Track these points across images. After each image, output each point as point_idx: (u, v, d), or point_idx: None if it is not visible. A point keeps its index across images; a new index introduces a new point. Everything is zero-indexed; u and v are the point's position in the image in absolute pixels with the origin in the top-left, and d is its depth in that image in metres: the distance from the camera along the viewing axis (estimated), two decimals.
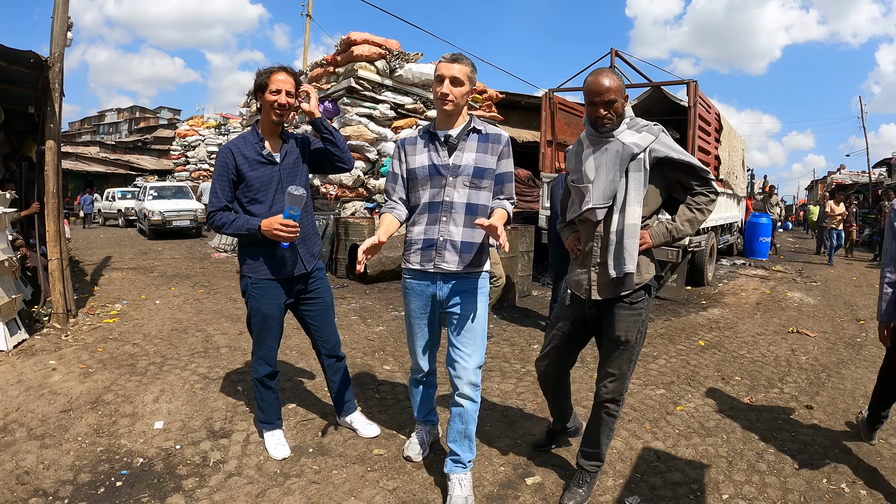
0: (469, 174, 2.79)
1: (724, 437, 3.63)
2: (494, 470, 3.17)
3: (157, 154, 40.86)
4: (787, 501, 2.92)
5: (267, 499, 2.84)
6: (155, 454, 3.28)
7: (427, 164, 2.83)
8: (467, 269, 2.82)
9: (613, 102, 2.56)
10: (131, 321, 6.35)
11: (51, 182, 6.24)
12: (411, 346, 3.07)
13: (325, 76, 11.50)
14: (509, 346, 5.67)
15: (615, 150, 2.59)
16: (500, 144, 2.85)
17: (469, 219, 2.80)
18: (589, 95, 2.63)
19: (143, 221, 18.27)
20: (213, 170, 3.15)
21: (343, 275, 9.51)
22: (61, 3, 6.30)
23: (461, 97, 2.77)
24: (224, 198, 3.05)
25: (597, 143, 2.67)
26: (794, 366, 5.21)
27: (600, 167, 2.63)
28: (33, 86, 7.05)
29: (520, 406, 4.09)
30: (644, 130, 2.61)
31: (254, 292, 3.14)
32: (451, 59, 2.75)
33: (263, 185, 3.08)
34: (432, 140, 2.86)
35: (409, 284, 2.94)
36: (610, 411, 2.81)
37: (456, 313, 2.84)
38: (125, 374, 4.55)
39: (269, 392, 3.30)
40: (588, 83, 2.60)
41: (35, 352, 5.13)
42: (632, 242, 2.55)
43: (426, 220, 2.85)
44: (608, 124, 2.61)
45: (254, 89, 3.15)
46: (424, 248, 2.84)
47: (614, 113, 2.59)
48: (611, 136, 2.61)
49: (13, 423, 3.64)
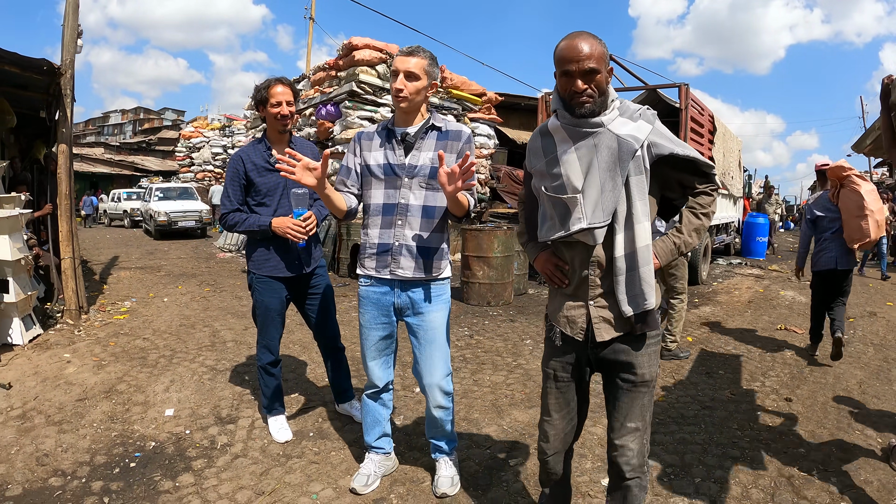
0: (426, 175, 2.65)
1: (701, 426, 3.82)
2: (481, 453, 3.39)
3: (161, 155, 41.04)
4: (756, 486, 3.09)
5: (270, 476, 3.07)
6: (166, 438, 3.51)
7: (382, 163, 2.69)
8: (425, 275, 2.72)
9: (595, 73, 1.90)
10: (141, 317, 6.59)
11: (63, 184, 6.49)
12: (364, 359, 2.91)
13: (328, 80, 11.72)
14: (502, 341, 5.88)
15: (608, 146, 1.94)
16: (459, 142, 2.68)
17: (426, 222, 2.68)
18: (561, 63, 1.93)
19: (148, 222, 18.52)
20: (226, 173, 3.39)
21: (345, 273, 9.75)
22: (71, 11, 6.54)
23: (416, 93, 2.60)
24: (235, 200, 3.29)
25: (578, 136, 1.99)
26: (778, 361, 5.40)
27: (591, 171, 1.97)
28: (44, 91, 7.31)
29: (509, 396, 4.31)
30: (640, 118, 1.99)
31: (258, 286, 3.37)
32: (408, 52, 2.61)
33: (270, 191, 3.29)
34: (389, 138, 2.71)
35: (366, 293, 2.81)
36: (640, 482, 2.14)
37: (416, 323, 2.77)
38: (136, 366, 4.79)
39: (271, 379, 3.52)
40: (560, 48, 1.93)
41: (49, 346, 5.37)
42: (647, 270, 1.97)
43: (380, 222, 2.71)
44: (588, 103, 1.92)
45: (255, 103, 3.36)
46: (380, 252, 2.72)
47: (596, 88, 1.92)
48: (597, 125, 1.96)
49: (32, 410, 3.88)
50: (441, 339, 2.79)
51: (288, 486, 2.99)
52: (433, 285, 2.77)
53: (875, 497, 3.00)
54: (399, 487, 2.98)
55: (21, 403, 3.99)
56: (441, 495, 2.87)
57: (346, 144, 10.47)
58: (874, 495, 3.02)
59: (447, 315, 2.84)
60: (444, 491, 2.88)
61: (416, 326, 2.79)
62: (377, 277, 2.75)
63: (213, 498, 2.87)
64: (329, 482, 3.03)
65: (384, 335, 2.85)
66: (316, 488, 2.97)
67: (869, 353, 5.73)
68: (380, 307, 2.79)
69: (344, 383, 3.81)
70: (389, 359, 2.94)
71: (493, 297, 7.71)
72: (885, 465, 3.35)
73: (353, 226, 9.64)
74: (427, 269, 2.72)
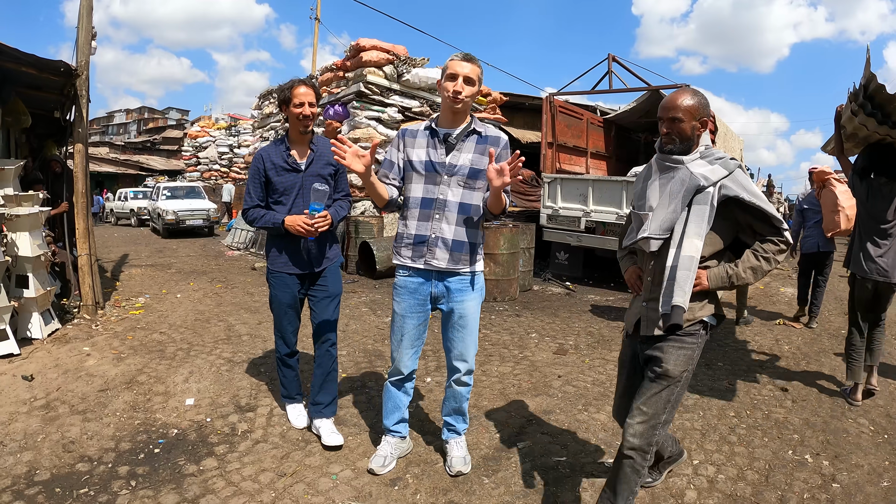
0: (464, 174, 2.84)
1: (700, 414, 3.99)
2: (490, 436, 3.58)
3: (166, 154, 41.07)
4: (752, 468, 3.26)
5: (291, 459, 3.25)
6: (188, 426, 3.68)
7: (424, 160, 2.88)
8: (458, 266, 2.90)
9: (679, 122, 2.37)
10: (156, 313, 6.77)
11: (80, 182, 6.65)
12: (396, 346, 3.06)
13: (336, 80, 11.90)
14: (508, 334, 6.06)
15: (681, 178, 2.38)
16: (497, 147, 2.85)
17: (461, 218, 2.87)
18: (658, 111, 2.47)
19: (156, 221, 18.58)
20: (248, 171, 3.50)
21: (353, 270, 9.93)
22: (85, 14, 6.68)
23: (471, 96, 2.80)
24: (256, 197, 3.40)
25: (665, 169, 2.46)
26: (775, 353, 5.57)
27: (664, 196, 2.43)
28: (58, 91, 7.47)
29: (516, 385, 4.49)
30: (717, 163, 2.37)
31: (272, 281, 3.50)
32: (464, 57, 2.78)
33: (287, 190, 3.38)
34: (433, 137, 2.90)
35: (403, 282, 2.99)
36: (634, 463, 2.41)
37: (451, 311, 2.97)
38: (155, 359, 4.97)
39: (288, 370, 3.68)
40: (664, 99, 2.48)
41: (68, 340, 5.54)
42: (684, 275, 2.30)
43: (419, 215, 2.90)
44: (668, 144, 2.42)
45: (278, 103, 3.45)
46: (416, 243, 2.91)
47: (679, 134, 2.39)
48: (680, 162, 2.40)
49: (55, 400, 4.04)
50: (473, 325, 3.01)
51: (308, 468, 3.16)
52: (467, 276, 2.96)
53: (865, 480, 3.16)
54: (414, 468, 3.17)
55: (44, 394, 4.15)
56: (456, 473, 3.07)
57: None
58: (864, 478, 3.17)
59: (479, 304, 3.04)
60: (459, 469, 3.08)
61: (451, 314, 2.99)
62: (414, 268, 2.94)
63: (237, 480, 3.04)
64: (347, 464, 3.21)
65: (418, 323, 3.02)
66: (335, 469, 3.15)
67: None
68: (416, 296, 2.97)
69: (326, 396, 3.55)
70: (418, 350, 3.11)
71: (500, 293, 7.88)
72: (876, 451, 3.51)
73: (362, 224, 9.84)
74: (460, 262, 2.91)
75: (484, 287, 3.10)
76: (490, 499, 2.90)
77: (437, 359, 5.05)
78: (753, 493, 3.00)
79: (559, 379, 4.66)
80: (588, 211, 8.99)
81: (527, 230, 8.70)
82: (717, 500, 2.93)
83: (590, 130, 11.23)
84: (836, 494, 3.02)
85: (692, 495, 2.96)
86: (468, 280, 2.96)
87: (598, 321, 6.81)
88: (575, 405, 4.11)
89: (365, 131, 10.73)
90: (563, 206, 9.36)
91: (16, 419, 3.72)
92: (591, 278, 9.78)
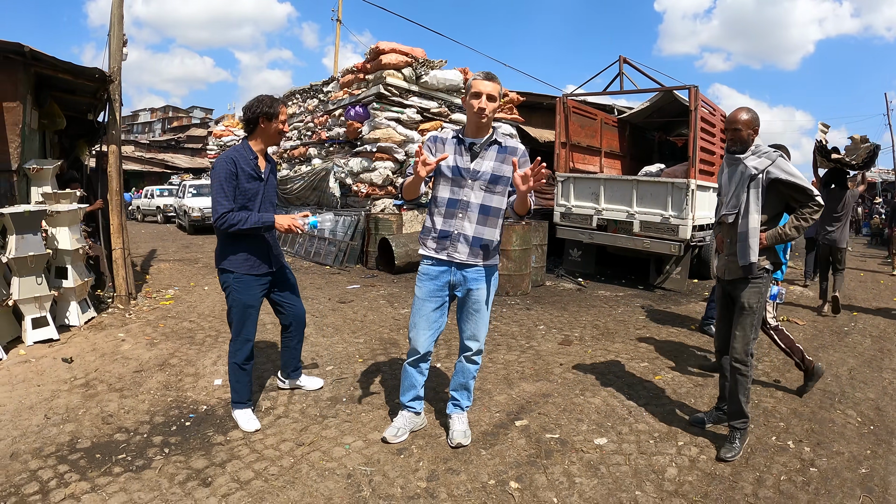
0: (486, 179, 3.20)
1: (691, 401, 4.24)
2: (491, 415, 3.89)
3: (190, 153, 41.38)
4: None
5: (309, 432, 3.59)
6: (216, 403, 4.03)
7: (451, 165, 3.22)
8: (476, 260, 3.25)
9: (738, 132, 3.41)
10: (185, 303, 7.17)
11: (114, 181, 7.05)
12: (414, 328, 3.38)
13: (356, 82, 12.21)
14: (517, 326, 6.36)
15: (740, 170, 3.39)
16: (515, 156, 3.18)
17: (482, 218, 3.22)
18: (725, 123, 3.54)
19: (182, 217, 19.08)
20: (213, 175, 3.52)
21: (373, 266, 10.30)
22: (117, 22, 7.06)
23: (493, 111, 3.16)
24: (231, 202, 3.45)
25: (731, 163, 3.51)
26: (774, 348, 5.70)
27: (731, 184, 3.47)
28: (91, 95, 7.90)
29: (519, 371, 4.79)
30: (763, 156, 3.36)
31: (236, 286, 3.58)
32: (486, 76, 3.13)
33: (253, 196, 3.56)
34: (460, 144, 3.25)
35: (426, 269, 3.33)
36: (741, 371, 3.42)
37: (469, 297, 3.30)
38: (186, 344, 5.35)
39: (244, 374, 3.72)
40: (728, 115, 3.49)
41: (104, 327, 5.95)
42: (754, 241, 3.32)
43: (444, 213, 3.25)
44: (732, 147, 3.48)
45: (257, 114, 3.56)
46: (440, 237, 3.25)
47: (739, 140, 3.42)
48: (738, 159, 3.42)
49: (94, 380, 4.42)
50: (485, 310, 3.36)
51: (324, 439, 3.50)
52: (483, 269, 3.31)
53: (843, 466, 3.32)
54: (419, 440, 3.49)
55: (83, 374, 4.53)
56: (456, 445, 3.40)
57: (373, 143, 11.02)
58: (843, 465, 3.34)
59: (492, 292, 3.40)
60: (459, 441, 3.41)
61: (466, 299, 3.34)
62: (436, 258, 3.29)
63: (260, 448, 3.38)
64: (359, 436, 3.54)
65: (435, 307, 3.35)
66: (348, 440, 3.48)
67: (865, 344, 6.03)
68: (436, 282, 3.31)
69: (298, 360, 4.23)
70: (436, 332, 3.42)
71: (512, 288, 8.16)
72: (859, 440, 3.67)
73: (381, 221, 10.19)
74: (478, 256, 3.26)
75: (498, 278, 3.45)
76: (485, 468, 3.20)
77: (447, 347, 5.36)
78: (732, 473, 3.23)
79: (561, 367, 4.94)
80: (599, 209, 9.23)
81: (539, 227, 8.96)
82: (696, 478, 3.16)
83: (604, 130, 11.43)
84: (813, 478, 3.18)
85: (672, 472, 3.22)
86: (484, 271, 3.31)
87: (606, 315, 7.05)
88: (573, 390, 4.39)
89: (385, 132, 11.03)
90: (576, 205, 9.61)
91: (58, 396, 4.10)
92: (603, 275, 10.02)
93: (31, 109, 6.63)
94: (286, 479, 3.04)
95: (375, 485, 3.01)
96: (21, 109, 6.16)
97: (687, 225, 8.27)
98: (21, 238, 5.33)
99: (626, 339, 5.93)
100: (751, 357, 3.43)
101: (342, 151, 12.68)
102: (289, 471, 3.13)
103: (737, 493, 3.02)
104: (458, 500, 2.90)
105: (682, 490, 3.04)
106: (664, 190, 8.53)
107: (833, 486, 3.12)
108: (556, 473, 3.17)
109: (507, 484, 3.05)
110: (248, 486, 2.97)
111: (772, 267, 3.44)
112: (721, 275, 3.64)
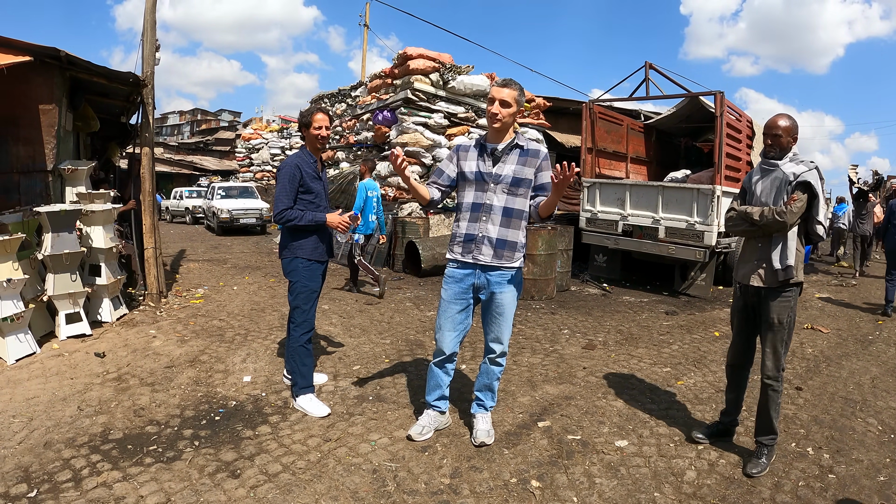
0: (508, 183, 3.30)
1: (712, 406, 4.25)
2: (514, 416, 3.96)
3: (218, 155, 41.75)
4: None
5: (336, 429, 3.69)
6: (245, 399, 4.16)
7: (474, 171, 3.34)
8: (501, 262, 3.32)
9: (778, 137, 3.34)
10: (214, 302, 7.34)
11: (146, 183, 7.25)
12: (440, 329, 3.50)
13: (384, 87, 12.37)
14: (542, 329, 6.42)
15: (776, 176, 3.33)
16: (537, 159, 3.32)
17: (505, 220, 3.31)
18: (764, 129, 3.49)
19: (211, 219, 19.36)
20: (279, 176, 3.98)
21: (400, 268, 10.43)
22: (149, 28, 7.26)
23: (508, 117, 3.26)
24: (291, 200, 3.89)
25: (766, 170, 3.42)
26: (797, 355, 5.72)
27: (765, 187, 3.39)
28: (124, 99, 8.10)
29: (543, 374, 4.86)
30: (801, 164, 3.30)
31: (305, 272, 3.95)
32: (502, 83, 3.26)
33: (319, 194, 4.04)
34: (481, 151, 3.38)
35: (452, 273, 3.45)
36: (773, 387, 3.36)
37: (493, 300, 3.38)
38: (216, 342, 5.49)
39: (310, 357, 4.03)
40: (768, 120, 3.45)
41: (136, 323, 6.13)
42: (793, 244, 3.25)
43: (469, 217, 3.36)
44: (770, 152, 3.39)
45: (299, 125, 4.14)
46: (466, 241, 3.36)
47: (778, 145, 3.35)
48: (775, 165, 3.36)
49: (126, 374, 4.57)
50: (509, 313, 3.42)
51: (351, 435, 3.60)
52: (507, 271, 3.38)
53: (862, 474, 3.32)
54: (443, 438, 3.58)
55: (115, 369, 4.68)
56: (479, 444, 3.47)
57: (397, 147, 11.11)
58: (861, 472, 3.33)
59: (517, 295, 3.46)
60: (483, 440, 3.48)
61: (490, 302, 3.41)
62: (462, 261, 3.39)
63: (288, 443, 3.49)
64: (385, 433, 3.63)
65: (460, 309, 3.45)
66: (374, 437, 3.58)
67: (889, 353, 5.98)
68: (461, 285, 3.42)
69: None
70: (461, 334, 3.53)
71: (537, 292, 8.21)
72: (878, 448, 3.65)
73: (408, 224, 10.29)
74: (502, 258, 3.34)
75: (522, 282, 3.51)
76: (508, 466, 3.27)
77: (472, 349, 5.44)
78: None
79: (584, 370, 4.99)
80: (625, 215, 9.24)
81: (565, 232, 8.99)
82: (715, 482, 3.19)
83: (630, 136, 11.44)
84: (831, 484, 3.18)
85: (691, 475, 3.26)
86: (508, 274, 3.37)
87: (629, 321, 7.07)
88: (595, 393, 4.44)
89: (412, 136, 11.16)
90: (602, 210, 9.63)
91: (91, 389, 4.26)
92: (628, 280, 10.02)
93: (66, 112, 6.81)
94: (313, 473, 3.14)
95: (400, 480, 3.10)
96: (56, 112, 6.35)
97: (712, 231, 8.24)
98: (57, 236, 5.51)
99: (649, 345, 5.95)
100: (782, 372, 3.38)
101: (370, 155, 12.81)
102: (316, 465, 3.23)
103: (755, 498, 3.05)
104: (480, 496, 2.97)
105: (700, 493, 3.07)
106: (690, 196, 8.53)
107: (851, 493, 3.12)
108: (577, 473, 3.23)
109: (529, 482, 3.11)
110: (276, 479, 3.07)
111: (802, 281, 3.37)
112: (746, 282, 3.47)
